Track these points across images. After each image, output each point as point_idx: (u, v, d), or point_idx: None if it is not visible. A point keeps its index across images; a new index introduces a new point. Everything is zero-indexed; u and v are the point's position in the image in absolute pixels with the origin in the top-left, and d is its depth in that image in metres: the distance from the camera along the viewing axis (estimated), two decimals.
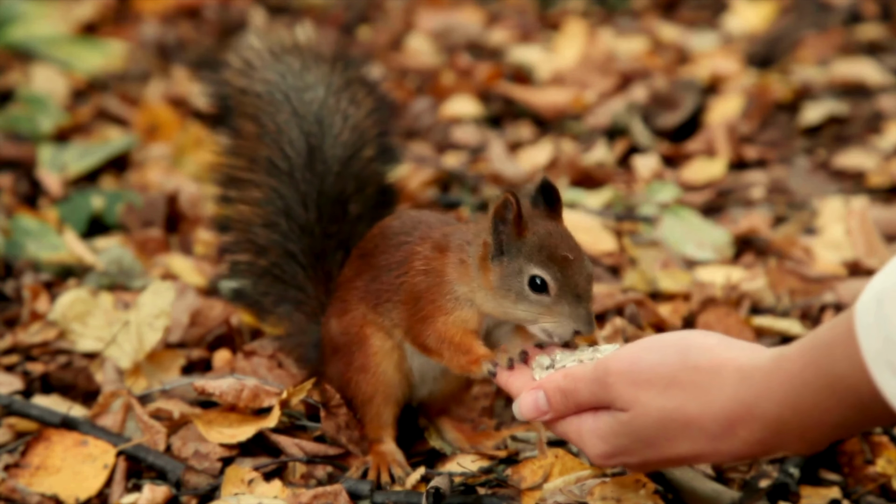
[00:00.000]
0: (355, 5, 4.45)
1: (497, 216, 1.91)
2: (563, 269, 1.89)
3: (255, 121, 2.30)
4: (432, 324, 1.98)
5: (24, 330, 2.46)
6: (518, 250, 1.91)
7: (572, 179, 3.20)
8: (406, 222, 2.08)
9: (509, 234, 1.91)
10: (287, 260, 2.27)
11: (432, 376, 2.10)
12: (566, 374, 1.80)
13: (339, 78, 2.32)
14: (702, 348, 1.70)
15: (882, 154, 3.29)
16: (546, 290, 1.90)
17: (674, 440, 1.70)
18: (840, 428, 1.62)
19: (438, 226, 2.05)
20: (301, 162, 2.26)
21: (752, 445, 1.66)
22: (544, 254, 1.90)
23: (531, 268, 1.90)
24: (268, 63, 2.32)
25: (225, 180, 2.35)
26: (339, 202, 2.27)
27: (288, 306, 2.28)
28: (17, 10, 3.99)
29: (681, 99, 3.55)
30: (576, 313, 1.89)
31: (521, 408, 1.84)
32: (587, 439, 1.77)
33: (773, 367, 1.63)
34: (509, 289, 1.91)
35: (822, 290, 2.62)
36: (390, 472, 2.06)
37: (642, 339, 1.78)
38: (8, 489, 2.09)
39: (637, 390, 1.70)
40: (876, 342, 1.52)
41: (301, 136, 2.26)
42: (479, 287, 1.95)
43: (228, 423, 2.15)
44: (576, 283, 1.89)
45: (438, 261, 1.99)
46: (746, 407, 1.64)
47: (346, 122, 2.29)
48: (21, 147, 3.34)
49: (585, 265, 1.92)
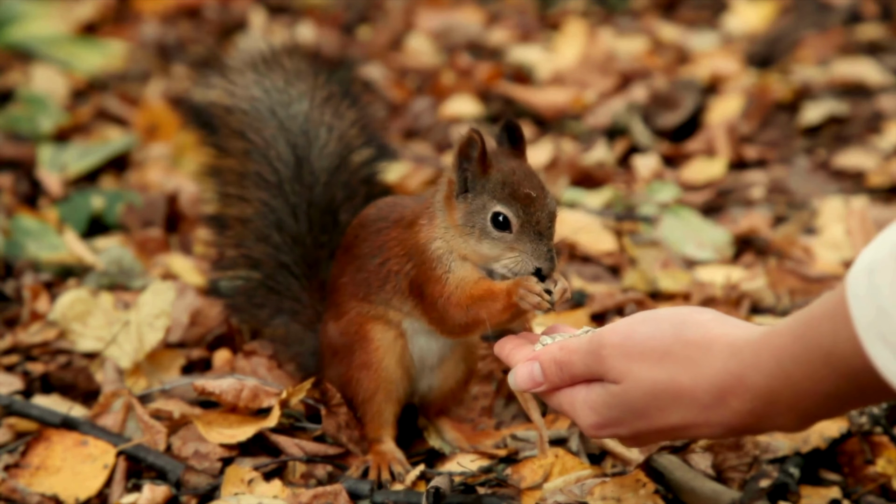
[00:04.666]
0: (355, 5, 4.45)
1: (461, 154, 1.92)
2: (525, 206, 1.90)
3: (242, 137, 2.32)
4: (446, 302, 1.97)
5: (24, 330, 2.47)
6: (482, 187, 1.92)
7: (572, 179, 3.20)
8: (383, 208, 2.09)
9: (473, 172, 1.92)
10: (281, 271, 2.29)
11: (430, 365, 2.11)
12: (562, 345, 1.81)
13: (322, 91, 2.34)
14: (696, 323, 1.71)
15: (882, 154, 3.29)
16: (508, 227, 1.91)
17: (665, 410, 1.71)
18: (831, 399, 1.62)
19: (411, 205, 2.06)
20: (289, 174, 2.28)
21: (743, 416, 1.67)
22: (507, 191, 1.91)
23: (494, 204, 1.91)
24: (251, 80, 2.34)
25: (217, 199, 2.37)
26: (329, 212, 2.29)
27: (284, 317, 2.29)
28: (17, 10, 3.99)
29: (681, 99, 3.55)
30: (537, 251, 1.90)
31: (517, 378, 1.85)
32: (579, 410, 1.78)
33: (763, 340, 1.64)
34: (473, 225, 1.92)
35: (822, 290, 2.62)
36: (391, 470, 2.07)
37: (638, 312, 1.78)
38: (8, 489, 2.09)
39: (630, 362, 1.71)
40: (868, 313, 1.52)
41: (288, 149, 2.29)
42: (446, 228, 1.95)
43: (228, 423, 2.15)
44: (537, 221, 1.90)
45: (411, 237, 2.00)
46: (737, 378, 1.65)
47: (331, 133, 2.31)
48: (21, 147, 3.34)
49: (548, 203, 1.92)
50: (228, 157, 2.34)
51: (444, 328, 2.01)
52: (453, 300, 1.96)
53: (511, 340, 1.91)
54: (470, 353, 2.14)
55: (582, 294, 2.57)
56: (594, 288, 2.63)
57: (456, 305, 1.96)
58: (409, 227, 2.01)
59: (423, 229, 1.98)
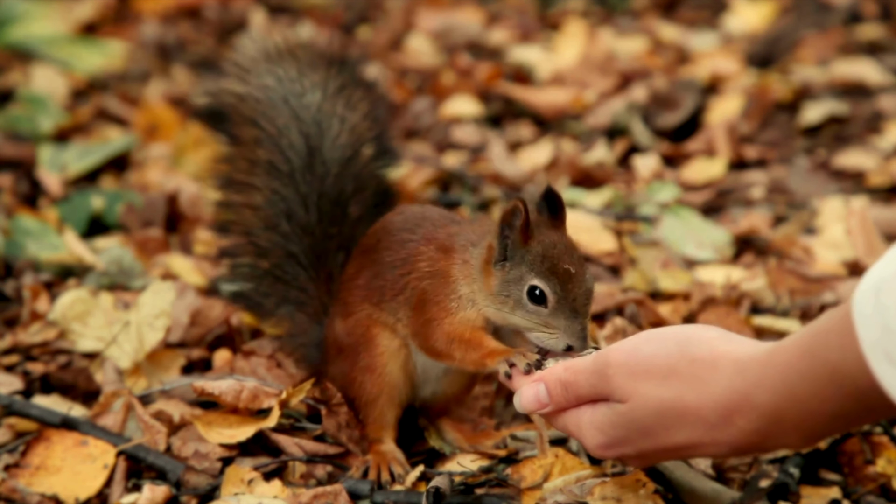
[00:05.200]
0: (355, 5, 4.45)
1: (505, 221, 1.91)
2: (563, 282, 1.89)
3: (255, 125, 2.31)
4: (439, 326, 1.98)
5: (24, 330, 2.47)
6: (521, 258, 1.91)
7: (572, 179, 3.20)
8: (409, 218, 2.08)
9: (514, 241, 1.91)
10: (288, 261, 2.28)
11: (435, 375, 2.11)
12: (567, 366, 1.81)
13: (335, 82, 2.34)
14: (701, 341, 1.70)
15: (882, 154, 3.29)
16: (544, 302, 1.90)
17: (671, 430, 1.70)
18: (838, 418, 1.62)
19: (442, 224, 2.05)
20: (301, 164, 2.27)
21: (749, 435, 1.66)
22: (546, 265, 1.90)
23: (532, 278, 1.90)
24: (264, 69, 2.33)
25: (225, 185, 2.36)
26: (339, 203, 2.28)
27: (290, 307, 2.28)
28: (17, 10, 3.99)
29: (681, 99, 3.55)
30: (571, 328, 1.89)
31: (523, 400, 1.85)
32: (585, 431, 1.78)
33: (769, 358, 1.63)
34: (508, 295, 1.92)
35: (822, 290, 2.62)
36: (391, 471, 2.07)
37: (642, 331, 1.78)
38: (8, 489, 2.09)
39: (635, 382, 1.71)
40: (874, 332, 1.52)
41: (301, 138, 2.27)
42: (479, 289, 1.95)
43: (228, 423, 2.15)
44: (574, 298, 1.89)
45: (443, 262, 1.99)
46: (743, 396, 1.64)
47: (343, 124, 2.30)
48: (21, 147, 3.34)
49: (586, 280, 1.91)
50: (240, 145, 2.33)
51: (419, 342, 2.03)
52: (444, 328, 1.97)
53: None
54: None
55: None
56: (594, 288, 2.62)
57: (443, 333, 1.97)
58: (443, 251, 2.00)
59: (457, 269, 1.98)
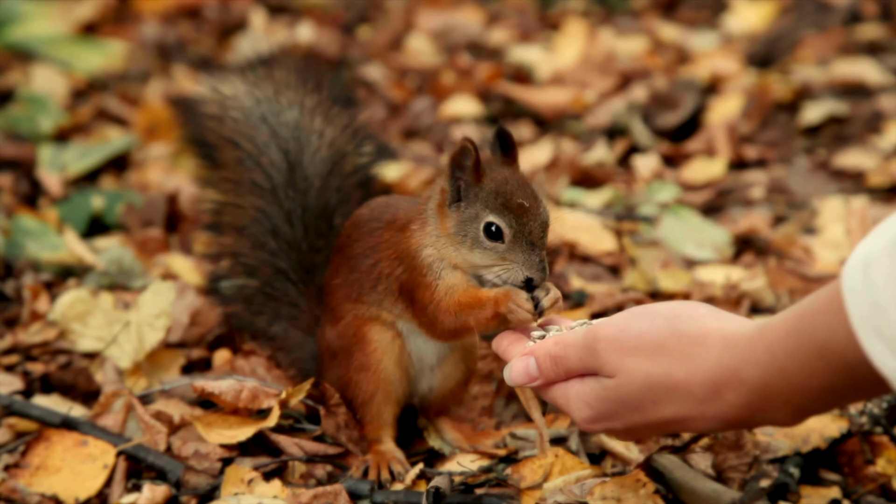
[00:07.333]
0: (355, 5, 4.45)
1: (454, 163, 1.92)
2: (518, 216, 1.91)
3: (235, 145, 2.33)
4: (434, 308, 1.98)
5: (24, 330, 2.47)
6: (475, 196, 1.93)
7: (572, 179, 3.20)
8: (375, 209, 2.10)
9: (467, 181, 1.93)
10: (278, 277, 2.30)
11: (429, 364, 2.11)
12: (557, 340, 1.82)
13: (311, 99, 2.35)
14: (690, 317, 1.71)
15: (882, 154, 3.29)
16: (501, 237, 1.91)
17: (660, 404, 1.71)
18: (826, 394, 1.62)
19: (405, 207, 2.06)
20: (283, 180, 2.29)
21: (738, 409, 1.67)
22: (500, 200, 1.91)
23: (487, 214, 1.92)
24: (242, 92, 2.35)
25: (213, 210, 2.38)
26: (324, 216, 2.30)
27: (283, 323, 2.30)
28: (17, 10, 3.99)
29: (681, 99, 3.55)
30: (529, 261, 1.90)
31: (512, 373, 1.85)
32: (573, 404, 1.79)
33: (758, 334, 1.64)
34: (465, 234, 1.93)
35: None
36: (390, 470, 2.07)
37: (633, 307, 1.78)
38: (8, 489, 2.09)
39: (624, 357, 1.71)
40: (863, 307, 1.52)
41: (280, 155, 2.30)
42: (438, 236, 1.96)
43: (228, 423, 2.15)
44: (530, 231, 1.91)
45: (403, 240, 2.01)
46: (731, 371, 1.65)
47: (322, 138, 2.32)
48: (21, 147, 3.34)
49: (541, 212, 1.93)
50: (223, 168, 2.35)
51: (434, 332, 2.02)
52: (442, 306, 1.97)
53: (508, 336, 1.92)
54: (469, 353, 2.15)
55: (582, 294, 2.58)
56: (594, 288, 2.63)
57: (445, 312, 1.97)
58: (401, 230, 2.02)
59: (415, 235, 1.99)
